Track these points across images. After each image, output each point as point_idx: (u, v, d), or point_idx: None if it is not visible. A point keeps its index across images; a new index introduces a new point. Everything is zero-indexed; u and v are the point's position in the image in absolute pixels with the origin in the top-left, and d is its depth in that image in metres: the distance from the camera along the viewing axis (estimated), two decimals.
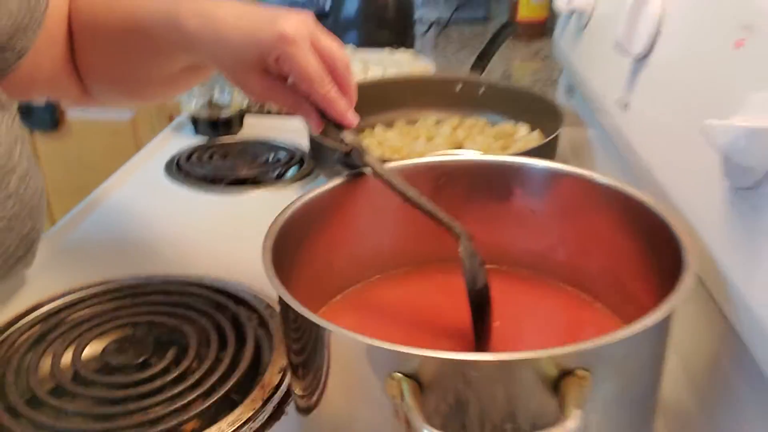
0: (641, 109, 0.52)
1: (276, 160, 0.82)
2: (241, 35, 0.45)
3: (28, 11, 0.50)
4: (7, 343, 0.49)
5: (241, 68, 0.46)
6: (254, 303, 0.53)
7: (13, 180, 0.47)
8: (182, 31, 0.47)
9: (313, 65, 0.44)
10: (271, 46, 0.44)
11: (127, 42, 0.53)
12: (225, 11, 0.47)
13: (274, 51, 0.44)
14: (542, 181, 0.47)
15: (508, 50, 1.28)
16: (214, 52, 0.47)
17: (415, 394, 0.28)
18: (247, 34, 0.45)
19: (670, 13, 0.50)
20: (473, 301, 0.42)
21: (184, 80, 0.57)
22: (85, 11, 0.55)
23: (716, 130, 0.34)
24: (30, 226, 0.51)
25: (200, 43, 0.47)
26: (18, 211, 0.48)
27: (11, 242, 0.49)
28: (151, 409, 0.42)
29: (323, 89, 0.44)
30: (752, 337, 0.33)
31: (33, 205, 0.50)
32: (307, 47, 0.44)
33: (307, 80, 0.44)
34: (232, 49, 0.46)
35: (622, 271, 0.44)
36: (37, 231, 0.53)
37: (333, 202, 0.45)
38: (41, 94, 0.64)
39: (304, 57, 0.43)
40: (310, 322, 0.31)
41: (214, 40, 0.46)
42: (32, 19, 0.50)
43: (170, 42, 0.49)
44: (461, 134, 0.78)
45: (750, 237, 0.33)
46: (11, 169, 0.47)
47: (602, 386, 0.30)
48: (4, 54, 0.50)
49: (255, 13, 0.46)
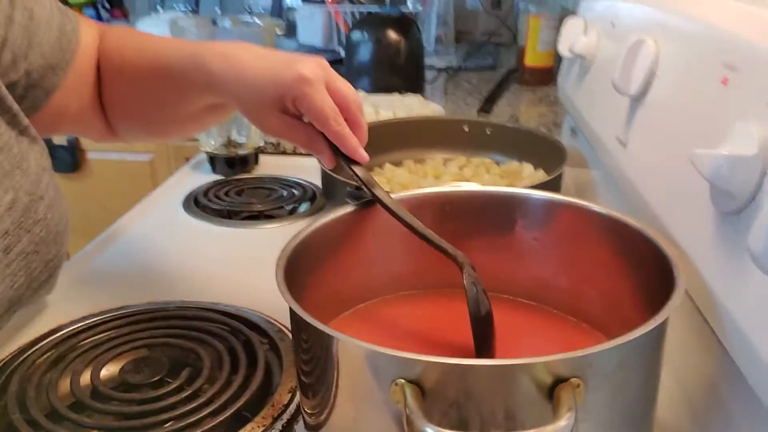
0: (638, 146, 0.55)
1: (289, 196, 0.85)
2: (262, 76, 0.49)
3: (60, 51, 0.54)
4: (28, 362, 0.51)
5: (260, 107, 0.50)
6: (266, 327, 0.55)
7: (41, 207, 0.50)
8: (207, 73, 0.51)
9: (328, 104, 0.47)
10: (289, 86, 0.47)
11: (155, 83, 0.56)
12: (247, 54, 0.50)
13: (292, 91, 0.47)
14: (543, 211, 0.49)
15: (516, 96, 1.32)
16: (236, 92, 0.51)
17: (418, 398, 0.30)
18: (267, 75, 0.49)
19: (663, 55, 0.53)
20: (476, 327, 0.44)
21: (205, 119, 0.60)
22: (115, 53, 0.59)
23: (702, 158, 0.36)
24: (54, 251, 0.53)
25: (223, 83, 0.51)
26: (44, 236, 0.51)
27: (36, 266, 0.52)
28: (165, 423, 0.44)
29: (337, 126, 0.47)
30: (739, 353, 0.35)
31: (58, 231, 0.53)
32: (322, 88, 0.47)
33: (322, 118, 0.47)
34: (253, 89, 0.49)
35: (620, 297, 0.45)
36: (60, 257, 0.55)
37: (343, 228, 0.48)
38: (68, 130, 0.68)
39: (319, 96, 0.47)
40: (319, 331, 0.33)
41: (237, 80, 0.50)
42: (63, 58, 0.54)
43: (195, 83, 0.53)
44: (468, 173, 0.81)
45: (735, 259, 0.35)
46: (40, 197, 0.50)
47: (596, 395, 0.31)
48: (34, 91, 0.53)
49: (274, 57, 0.50)
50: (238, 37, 0.87)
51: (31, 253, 0.49)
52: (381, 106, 1.08)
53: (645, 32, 0.55)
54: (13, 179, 0.47)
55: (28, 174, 0.49)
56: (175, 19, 0.87)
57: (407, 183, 0.78)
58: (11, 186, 0.47)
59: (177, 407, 0.45)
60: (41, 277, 0.53)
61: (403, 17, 1.31)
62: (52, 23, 0.53)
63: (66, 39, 0.54)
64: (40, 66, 0.52)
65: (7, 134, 0.47)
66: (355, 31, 1.29)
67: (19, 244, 0.47)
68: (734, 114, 0.39)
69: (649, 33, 0.55)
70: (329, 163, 0.50)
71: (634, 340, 0.31)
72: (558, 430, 0.28)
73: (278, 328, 0.55)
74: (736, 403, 0.39)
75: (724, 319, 0.36)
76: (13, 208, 0.47)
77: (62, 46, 0.54)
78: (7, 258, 0.46)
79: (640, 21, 0.60)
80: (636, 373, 0.34)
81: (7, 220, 0.46)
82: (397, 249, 0.50)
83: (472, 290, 0.43)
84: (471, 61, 1.59)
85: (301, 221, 0.79)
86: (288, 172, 0.92)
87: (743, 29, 0.41)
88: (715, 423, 0.42)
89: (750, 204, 0.35)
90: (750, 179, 0.34)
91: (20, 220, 0.47)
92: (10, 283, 0.47)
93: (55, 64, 0.53)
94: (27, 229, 0.48)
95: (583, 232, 0.47)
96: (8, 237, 0.46)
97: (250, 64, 0.50)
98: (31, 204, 0.49)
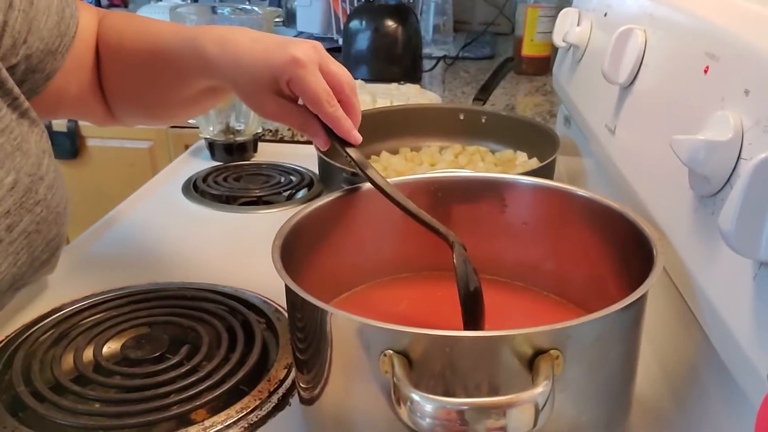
0: (625, 133, 0.56)
1: (287, 182, 0.86)
2: (256, 59, 0.50)
3: (59, 35, 0.55)
4: (32, 339, 0.53)
5: (255, 90, 0.51)
6: (263, 308, 0.57)
7: (42, 188, 0.52)
8: (203, 57, 0.52)
9: (322, 86, 0.48)
10: (283, 69, 0.48)
11: (152, 67, 0.57)
12: (243, 37, 0.52)
13: (286, 73, 0.48)
14: (531, 195, 0.51)
15: (512, 85, 1.34)
16: (231, 76, 0.52)
17: (405, 368, 0.32)
18: (261, 58, 0.50)
19: (651, 44, 0.54)
20: (465, 304, 0.45)
21: (204, 102, 0.62)
22: (114, 38, 0.60)
23: (681, 143, 0.38)
24: (55, 231, 0.55)
25: (220, 67, 0.52)
26: (45, 216, 0.52)
27: (38, 245, 0.53)
28: (166, 397, 0.45)
29: (331, 108, 0.48)
30: (713, 329, 0.37)
31: (59, 211, 0.55)
32: (315, 70, 0.48)
33: (316, 100, 0.48)
34: (249, 72, 0.51)
35: (604, 277, 0.47)
36: (61, 237, 0.57)
37: (337, 212, 0.50)
38: (68, 113, 0.69)
39: (313, 79, 0.48)
40: (312, 306, 0.35)
41: (232, 64, 0.51)
42: (62, 43, 0.55)
43: (192, 67, 0.54)
44: (463, 160, 0.82)
45: (710, 239, 0.37)
46: (40, 178, 0.52)
47: (574, 367, 0.33)
48: (34, 75, 0.54)
49: (269, 40, 0.51)
50: (238, 25, 0.88)
51: (33, 232, 0.51)
52: (378, 94, 1.10)
53: (634, 22, 0.57)
54: (14, 160, 0.48)
55: (29, 156, 0.50)
56: (175, 7, 0.88)
57: (403, 170, 0.80)
58: (12, 167, 0.48)
59: (176, 381, 0.47)
60: (43, 257, 0.55)
61: (401, 6, 1.32)
62: (51, 8, 0.54)
63: (65, 23, 0.55)
64: (39, 50, 0.53)
65: (8, 117, 0.49)
66: (354, 20, 1.30)
67: (21, 223, 0.49)
68: (714, 102, 0.40)
69: (639, 23, 0.56)
70: (323, 145, 0.51)
71: (611, 315, 0.33)
72: (534, 396, 0.29)
73: (275, 308, 0.57)
74: (713, 381, 0.41)
75: (699, 297, 0.38)
76: (15, 188, 0.48)
77: (61, 31, 0.55)
78: (9, 236, 0.48)
79: (630, 11, 0.61)
80: (614, 348, 0.36)
81: (9, 200, 0.48)
82: (391, 233, 0.52)
83: (462, 268, 0.45)
84: (469, 50, 1.60)
85: (298, 207, 0.80)
86: (286, 159, 0.93)
87: (725, 20, 0.43)
88: (693, 401, 0.44)
89: (724, 187, 0.36)
90: (725, 164, 0.36)
91: (22, 200, 0.49)
92: (13, 261, 0.49)
93: (54, 48, 0.55)
94: (28, 209, 0.50)
95: (568, 215, 0.49)
96: (10, 216, 0.48)
97: (246, 46, 0.51)
98: (32, 185, 0.50)
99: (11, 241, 0.48)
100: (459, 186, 0.53)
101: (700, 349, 0.42)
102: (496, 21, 1.83)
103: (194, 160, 0.96)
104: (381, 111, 0.90)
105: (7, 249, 0.48)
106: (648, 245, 0.40)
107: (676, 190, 0.42)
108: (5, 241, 0.48)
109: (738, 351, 0.34)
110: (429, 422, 0.29)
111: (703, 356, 0.42)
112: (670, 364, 0.48)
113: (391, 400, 0.32)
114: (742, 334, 0.33)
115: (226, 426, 0.44)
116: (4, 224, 0.48)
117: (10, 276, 0.49)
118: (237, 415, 0.45)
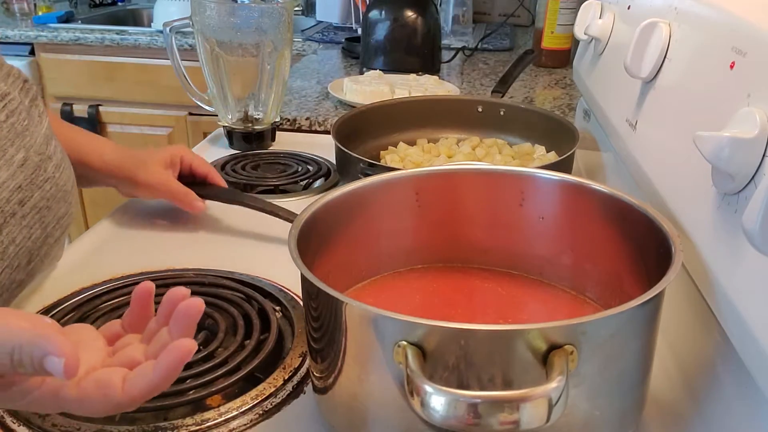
0: (647, 128, 0.56)
1: (304, 171, 0.86)
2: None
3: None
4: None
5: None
6: (279, 296, 0.57)
7: (50, 166, 0.56)
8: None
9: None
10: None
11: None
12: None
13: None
14: (549, 190, 0.50)
15: (532, 77, 1.33)
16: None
17: (419, 359, 0.32)
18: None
19: (675, 38, 0.54)
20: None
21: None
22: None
23: (705, 140, 0.37)
24: (65, 209, 0.59)
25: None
26: (54, 192, 0.56)
27: (50, 221, 0.56)
28: (181, 382, 0.46)
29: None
30: (733, 329, 0.36)
31: (66, 189, 0.59)
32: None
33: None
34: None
35: (621, 274, 0.47)
36: (70, 215, 0.60)
37: (354, 203, 0.50)
38: None
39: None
40: (328, 296, 0.35)
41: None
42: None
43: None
44: (480, 152, 0.82)
45: (732, 237, 0.37)
46: (48, 157, 0.56)
47: (589, 362, 0.33)
48: None
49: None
50: (258, 14, 0.88)
51: (43, 208, 0.55)
52: (396, 85, 1.09)
53: (659, 15, 0.56)
54: (24, 139, 0.53)
55: (37, 136, 0.55)
56: None
57: (420, 162, 0.80)
58: (22, 145, 0.53)
59: (192, 367, 0.47)
60: (55, 233, 0.57)
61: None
62: None
63: None
64: None
65: (18, 99, 0.54)
66: (373, 10, 1.29)
67: (32, 198, 0.53)
68: (739, 98, 0.39)
69: (663, 16, 0.55)
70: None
71: (628, 311, 0.33)
72: (548, 391, 0.29)
73: (291, 297, 0.57)
74: (731, 380, 0.40)
75: (720, 295, 0.38)
76: (25, 165, 0.53)
77: None
78: (22, 210, 0.52)
79: (655, 4, 0.60)
80: (630, 344, 0.35)
81: (20, 175, 0.52)
82: (407, 224, 0.52)
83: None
84: (488, 41, 1.59)
85: (315, 196, 0.81)
86: (303, 148, 0.94)
87: (753, 15, 0.42)
88: (710, 399, 0.43)
89: (748, 185, 0.36)
90: (750, 161, 0.35)
91: (32, 176, 0.53)
92: (27, 234, 0.53)
93: None
94: (38, 186, 0.54)
95: (586, 210, 0.48)
96: (22, 191, 0.52)
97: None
98: (41, 162, 0.55)
99: (24, 215, 0.52)
100: (476, 179, 0.53)
101: (718, 347, 0.42)
102: (515, 12, 1.81)
103: (212, 147, 0.97)
104: (399, 102, 0.90)
105: (20, 222, 0.52)
106: (666, 242, 0.40)
107: (699, 187, 0.42)
108: (18, 215, 0.52)
109: (758, 350, 0.33)
110: (442, 414, 0.30)
111: (720, 354, 0.42)
112: (686, 362, 0.47)
113: (405, 392, 0.32)
114: (764, 333, 0.33)
115: (241, 412, 0.45)
116: (16, 198, 0.51)
117: (26, 250, 0.53)
118: (252, 402, 0.45)
